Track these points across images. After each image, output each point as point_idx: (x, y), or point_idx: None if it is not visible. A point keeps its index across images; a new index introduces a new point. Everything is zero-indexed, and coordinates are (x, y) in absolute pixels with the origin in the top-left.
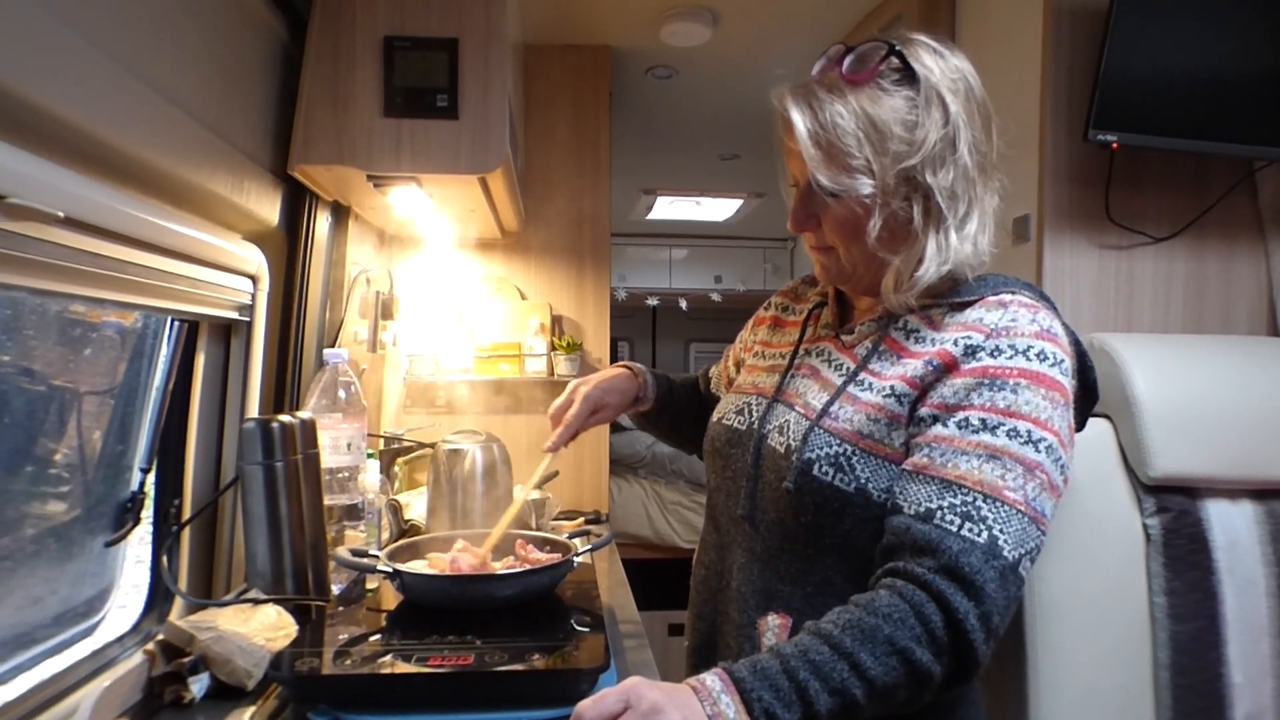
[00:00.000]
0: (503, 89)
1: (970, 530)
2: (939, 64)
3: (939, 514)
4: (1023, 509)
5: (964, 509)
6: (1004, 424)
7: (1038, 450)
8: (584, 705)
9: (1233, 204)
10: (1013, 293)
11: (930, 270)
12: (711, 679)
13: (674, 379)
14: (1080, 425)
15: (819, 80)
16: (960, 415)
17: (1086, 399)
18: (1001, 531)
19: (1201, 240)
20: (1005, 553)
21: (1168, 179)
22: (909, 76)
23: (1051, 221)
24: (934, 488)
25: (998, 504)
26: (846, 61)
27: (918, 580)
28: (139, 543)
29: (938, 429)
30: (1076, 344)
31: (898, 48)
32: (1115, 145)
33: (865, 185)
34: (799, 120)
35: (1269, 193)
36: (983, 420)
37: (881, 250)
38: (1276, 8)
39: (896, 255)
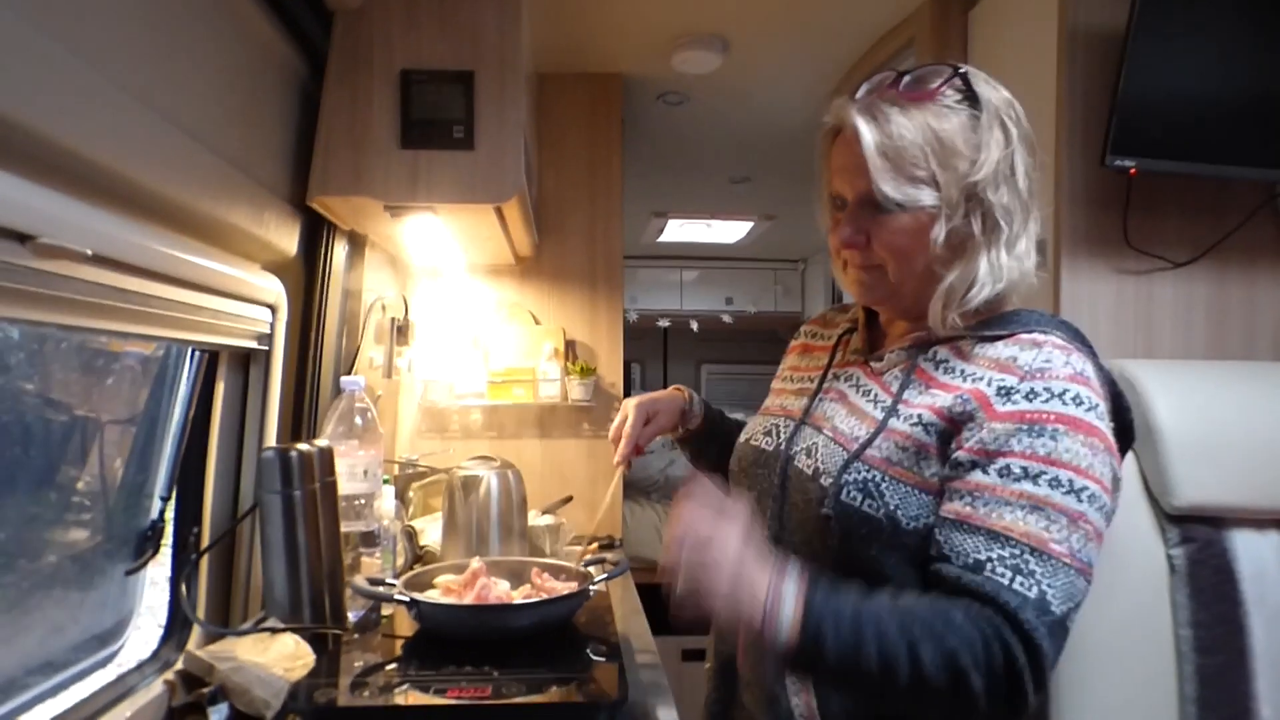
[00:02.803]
0: (517, 119)
1: (1021, 585)
2: (994, 93)
3: (989, 565)
4: (1068, 561)
5: (1013, 562)
6: (1045, 472)
7: (1080, 500)
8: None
9: (1254, 228)
10: (1045, 332)
11: (985, 290)
12: (789, 586)
13: (725, 414)
14: None
15: (879, 95)
16: (1001, 462)
17: (1122, 439)
18: (1050, 586)
19: (1222, 265)
20: (1054, 608)
21: (1187, 203)
22: (970, 98)
23: (1068, 247)
24: (980, 539)
25: (1044, 558)
26: (905, 81)
27: (989, 622)
28: (158, 569)
29: (978, 476)
30: (1111, 384)
31: (963, 70)
32: (1133, 171)
33: (929, 196)
34: (866, 131)
35: None
36: (1024, 469)
37: (938, 265)
38: None
39: (951, 271)
